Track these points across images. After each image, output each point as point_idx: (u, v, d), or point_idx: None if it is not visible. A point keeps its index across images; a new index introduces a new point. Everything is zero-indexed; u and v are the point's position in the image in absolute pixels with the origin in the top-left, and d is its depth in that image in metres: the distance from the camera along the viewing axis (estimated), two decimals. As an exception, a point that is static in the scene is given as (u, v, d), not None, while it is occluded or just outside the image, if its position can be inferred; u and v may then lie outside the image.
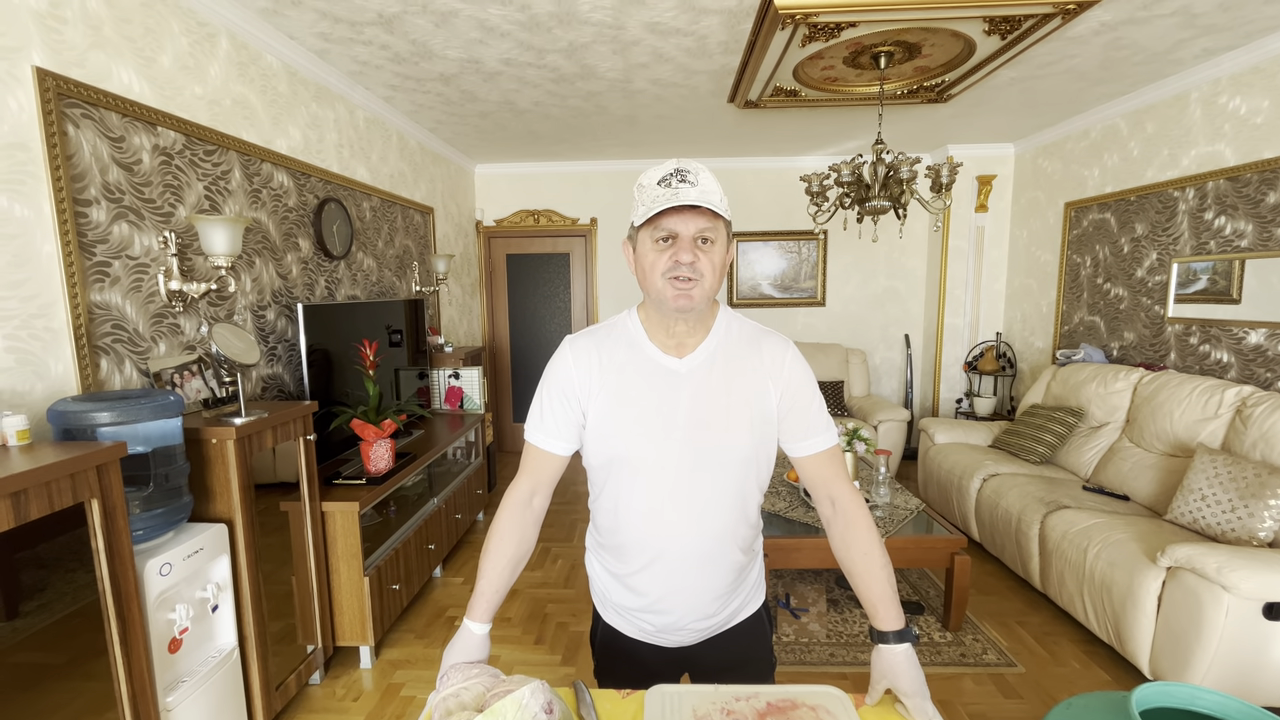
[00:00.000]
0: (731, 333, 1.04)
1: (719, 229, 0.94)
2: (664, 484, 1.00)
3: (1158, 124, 3.32)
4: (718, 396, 1.00)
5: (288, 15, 2.33)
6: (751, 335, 1.05)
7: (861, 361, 4.89)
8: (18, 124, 1.53)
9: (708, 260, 0.93)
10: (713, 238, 0.94)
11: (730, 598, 1.08)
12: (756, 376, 1.02)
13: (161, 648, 1.56)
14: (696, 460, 0.99)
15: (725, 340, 1.03)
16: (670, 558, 1.02)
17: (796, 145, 4.55)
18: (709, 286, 0.95)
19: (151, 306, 1.92)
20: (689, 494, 1.00)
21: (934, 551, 2.50)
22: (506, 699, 0.81)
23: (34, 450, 1.32)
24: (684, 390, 1.00)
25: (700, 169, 0.93)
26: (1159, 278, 3.33)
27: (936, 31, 2.50)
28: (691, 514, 1.00)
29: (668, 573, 1.03)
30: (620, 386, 1.01)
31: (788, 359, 1.04)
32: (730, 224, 0.97)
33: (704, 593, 1.05)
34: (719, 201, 0.92)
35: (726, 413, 0.99)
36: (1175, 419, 2.79)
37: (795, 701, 0.96)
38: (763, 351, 1.03)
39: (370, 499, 2.31)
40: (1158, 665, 2.06)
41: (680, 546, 1.02)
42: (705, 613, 1.07)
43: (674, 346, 1.02)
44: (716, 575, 1.05)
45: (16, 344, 1.53)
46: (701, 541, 1.02)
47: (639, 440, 0.99)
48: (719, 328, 1.04)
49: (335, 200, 2.96)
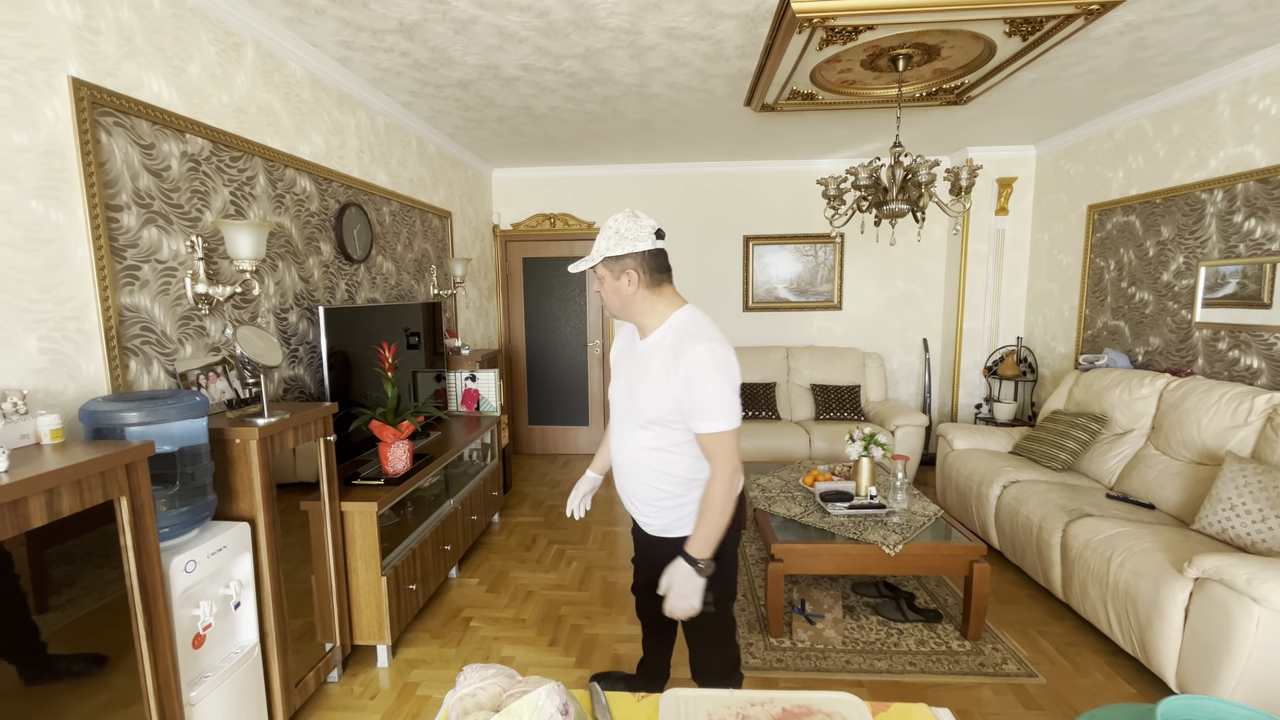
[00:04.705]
0: (677, 330, 1.47)
1: (599, 273, 1.50)
2: (618, 414, 1.61)
3: (1185, 125, 3.25)
4: (650, 368, 1.48)
5: (311, 24, 2.38)
6: (683, 335, 1.44)
7: (878, 366, 4.84)
8: (54, 132, 1.58)
9: (603, 291, 1.52)
10: (600, 277, 1.51)
11: (657, 514, 1.58)
12: (669, 365, 1.43)
13: (186, 643, 1.59)
14: (630, 405, 1.55)
15: (670, 334, 1.48)
16: (616, 458, 1.64)
17: (813, 148, 4.53)
18: (610, 305, 1.53)
19: (179, 309, 1.97)
20: (623, 424, 1.58)
21: (952, 559, 2.46)
22: (523, 700, 0.82)
23: (66, 449, 1.36)
24: (638, 359, 1.54)
25: (598, 237, 1.48)
26: (1186, 281, 3.26)
27: (956, 33, 2.48)
28: (622, 437, 1.58)
29: (616, 467, 1.65)
30: (620, 352, 1.66)
31: (686, 360, 1.40)
32: (605, 261, 1.47)
33: (630, 491, 1.62)
34: (585, 260, 1.48)
35: (648, 380, 1.48)
36: (1203, 426, 2.72)
37: (811, 708, 0.95)
38: (679, 349, 1.42)
39: (388, 499, 2.34)
40: (1184, 678, 2.01)
41: (618, 454, 1.62)
42: (637, 507, 1.62)
43: (642, 331, 1.55)
44: (638, 485, 1.58)
45: (50, 345, 1.57)
46: (625, 455, 1.58)
47: (614, 383, 1.65)
48: (670, 324, 1.49)
49: (356, 205, 3.01)
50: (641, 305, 1.49)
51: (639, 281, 1.46)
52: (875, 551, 2.46)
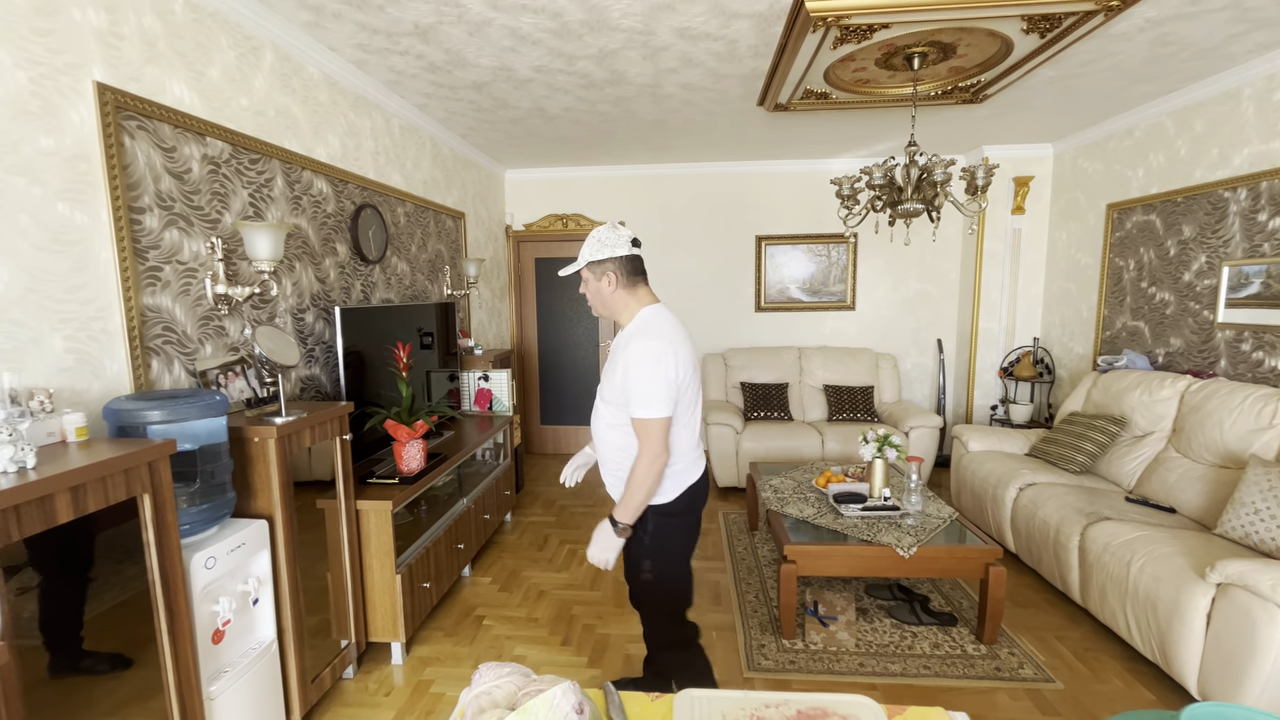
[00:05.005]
0: (637, 324, 1.69)
1: (585, 276, 1.74)
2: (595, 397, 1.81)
3: (1207, 122, 3.19)
4: (614, 355, 1.73)
5: (328, 27, 2.40)
6: (635, 331, 1.67)
7: (892, 366, 4.80)
8: (80, 136, 1.61)
9: (588, 292, 1.76)
10: (585, 280, 1.75)
11: (616, 482, 1.77)
12: (620, 355, 1.66)
13: (205, 639, 1.62)
14: (601, 390, 1.76)
15: (633, 328, 1.70)
16: (591, 430, 1.84)
17: (826, 148, 4.50)
18: (594, 303, 1.77)
19: (199, 309, 2.00)
20: (596, 400, 1.80)
21: (968, 562, 2.44)
22: (539, 698, 0.83)
23: (91, 446, 1.39)
24: (614, 347, 1.76)
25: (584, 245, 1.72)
26: (1208, 281, 3.21)
27: (972, 31, 2.46)
28: (595, 412, 1.80)
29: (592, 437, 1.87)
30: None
31: (628, 352, 1.62)
32: (589, 265, 1.70)
33: (599, 459, 1.85)
34: (572, 265, 1.74)
35: (611, 369, 1.71)
36: (1226, 429, 2.68)
37: (826, 710, 0.95)
38: (629, 342, 1.64)
39: (403, 498, 2.36)
40: (1206, 685, 1.98)
41: (592, 426, 1.83)
42: (603, 474, 1.84)
43: (619, 325, 1.78)
44: (602, 456, 1.82)
45: (76, 345, 1.61)
46: (594, 428, 1.81)
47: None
48: (636, 320, 1.71)
49: (371, 206, 3.04)
50: (618, 304, 1.72)
51: (617, 283, 1.70)
52: (889, 554, 2.44)
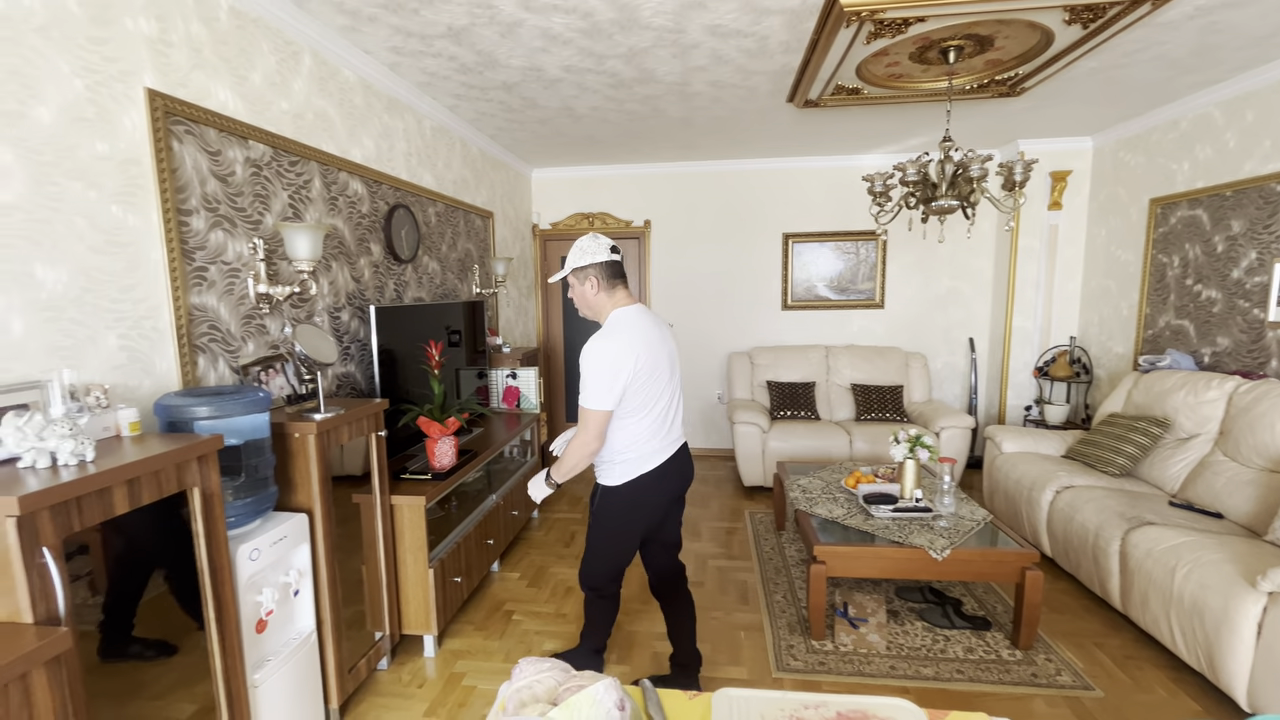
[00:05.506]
0: (605, 328, 1.84)
1: (570, 281, 1.92)
2: None
3: (1259, 112, 3.07)
4: None
5: (364, 31, 2.45)
6: (601, 333, 1.81)
7: (922, 366, 4.72)
8: (132, 141, 1.67)
9: (574, 295, 1.94)
10: (571, 284, 1.93)
11: (598, 468, 1.95)
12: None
13: (250, 628, 1.67)
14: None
15: (601, 330, 1.84)
16: None
17: (857, 144, 4.44)
18: (580, 306, 1.94)
19: (242, 308, 2.06)
20: None
21: (1003, 565, 2.39)
22: (581, 694, 0.84)
23: (144, 441, 1.44)
24: None
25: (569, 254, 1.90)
26: (1259, 279, 3.08)
27: (1011, 23, 2.40)
28: None
29: None
30: None
31: (586, 348, 1.78)
32: (574, 271, 1.88)
33: None
34: (559, 273, 1.93)
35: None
36: (1277, 432, 2.57)
37: (866, 713, 0.94)
38: (590, 341, 1.78)
39: (435, 493, 2.40)
40: (1256, 697, 1.91)
41: None
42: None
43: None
44: None
45: (128, 343, 1.67)
46: None
47: None
48: (608, 322, 1.87)
49: (404, 206, 3.09)
50: (598, 306, 1.90)
51: (599, 286, 1.87)
52: (921, 556, 2.40)
